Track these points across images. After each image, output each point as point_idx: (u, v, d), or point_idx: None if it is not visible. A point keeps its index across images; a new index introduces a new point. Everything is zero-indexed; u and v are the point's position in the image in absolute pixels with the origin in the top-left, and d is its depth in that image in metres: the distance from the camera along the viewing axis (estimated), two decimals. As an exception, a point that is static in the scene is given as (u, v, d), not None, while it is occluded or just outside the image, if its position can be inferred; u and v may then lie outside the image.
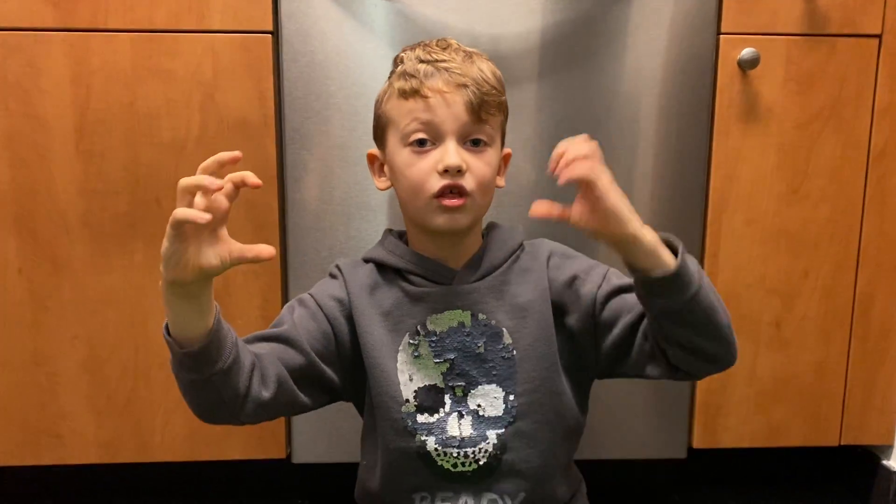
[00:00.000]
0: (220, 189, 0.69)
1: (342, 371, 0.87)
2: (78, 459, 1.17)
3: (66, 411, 1.15)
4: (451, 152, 0.80)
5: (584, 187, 0.72)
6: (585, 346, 0.86)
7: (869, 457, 1.29)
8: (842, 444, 1.24)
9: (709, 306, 0.74)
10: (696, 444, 1.22)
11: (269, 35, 1.08)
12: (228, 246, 0.70)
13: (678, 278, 0.72)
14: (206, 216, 0.67)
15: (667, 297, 0.74)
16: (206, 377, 0.74)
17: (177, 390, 1.12)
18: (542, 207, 0.74)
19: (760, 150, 1.14)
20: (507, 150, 0.90)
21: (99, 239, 1.11)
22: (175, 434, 1.16)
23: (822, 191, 1.16)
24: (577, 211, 0.73)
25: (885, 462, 1.27)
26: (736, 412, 1.21)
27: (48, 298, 1.12)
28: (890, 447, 1.26)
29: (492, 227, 0.92)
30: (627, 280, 0.83)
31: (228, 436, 1.17)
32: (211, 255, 0.69)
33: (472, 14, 1.09)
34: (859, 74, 1.13)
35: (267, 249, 0.70)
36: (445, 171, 0.80)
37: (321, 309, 0.86)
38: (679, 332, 0.76)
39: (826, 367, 1.21)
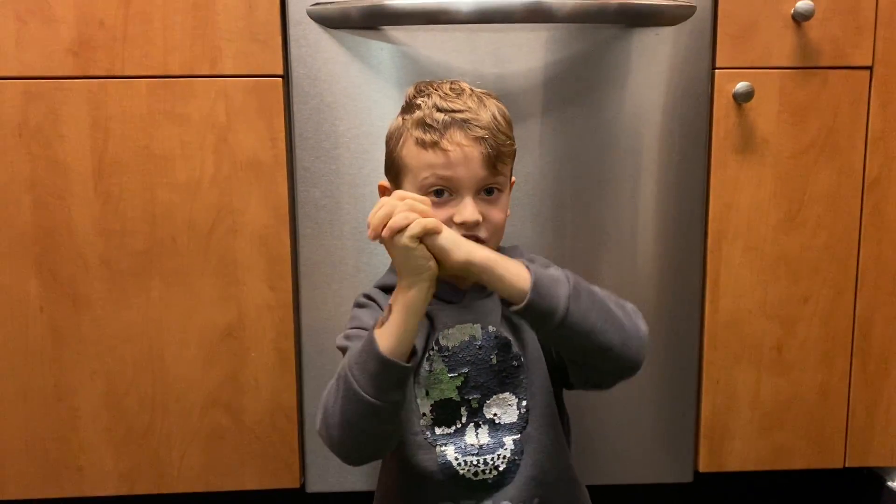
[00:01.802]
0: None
1: None
2: (97, 491, 1.19)
3: (85, 444, 1.18)
4: (468, 208, 0.85)
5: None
6: (547, 352, 0.92)
7: (874, 478, 1.31)
8: (847, 466, 1.25)
9: (586, 330, 0.78)
10: (702, 467, 1.24)
11: (280, 79, 1.12)
12: None
13: (530, 310, 0.77)
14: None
15: (534, 326, 0.81)
16: (405, 395, 0.81)
17: (193, 422, 1.18)
18: None
19: (757, 179, 1.17)
20: (513, 178, 0.95)
21: (117, 277, 1.15)
22: (192, 465, 1.19)
23: (819, 218, 1.19)
24: None
25: (890, 483, 1.28)
26: (741, 436, 1.23)
27: (68, 335, 1.16)
28: (895, 469, 1.27)
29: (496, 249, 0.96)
30: None
31: (244, 466, 1.20)
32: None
33: (476, 55, 1.12)
34: (852, 105, 1.16)
35: None
36: (461, 224, 0.84)
37: None
38: (566, 352, 0.83)
39: (828, 391, 1.23)
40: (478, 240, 0.86)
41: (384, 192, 0.94)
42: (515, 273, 0.78)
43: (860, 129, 1.17)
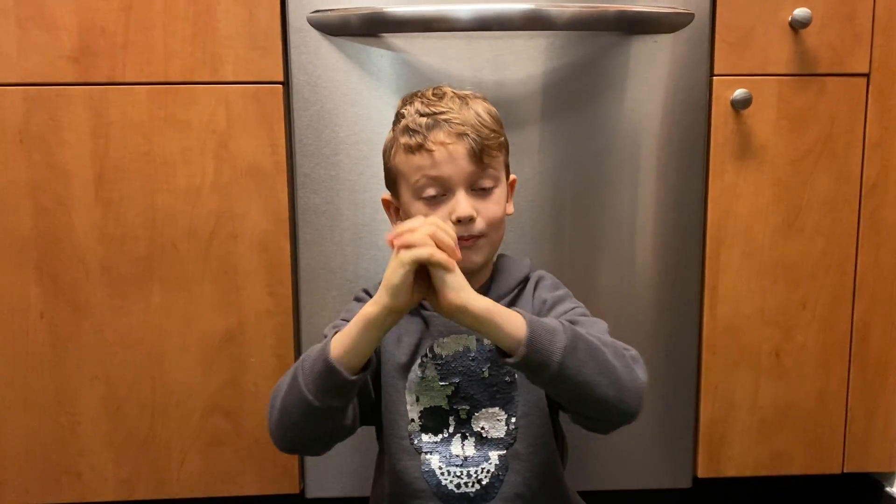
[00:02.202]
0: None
1: (377, 392, 0.92)
2: (97, 497, 1.20)
3: (85, 450, 1.18)
4: (462, 204, 0.86)
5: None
6: None
7: (872, 484, 1.31)
8: (845, 471, 1.26)
9: (581, 383, 0.77)
10: (701, 473, 1.24)
11: (280, 85, 1.12)
12: None
13: (524, 364, 0.77)
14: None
15: (529, 377, 0.80)
16: (345, 404, 0.81)
17: (192, 428, 1.18)
18: None
19: (755, 185, 1.18)
20: (512, 177, 0.95)
21: (117, 283, 1.15)
22: (191, 471, 1.19)
23: (816, 224, 1.19)
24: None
25: (888, 489, 1.28)
26: (739, 441, 1.23)
27: (68, 341, 1.16)
28: (893, 474, 1.27)
29: (501, 258, 0.97)
30: (587, 319, 0.89)
31: (243, 472, 1.20)
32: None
33: (475, 62, 1.13)
34: (849, 112, 1.17)
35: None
36: (458, 221, 0.85)
37: None
38: (562, 401, 0.82)
39: (827, 396, 1.23)
40: (473, 236, 0.87)
41: (387, 205, 0.96)
42: (511, 325, 0.76)
43: (858, 135, 1.18)
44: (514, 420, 0.90)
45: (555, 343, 0.76)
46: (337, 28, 1.11)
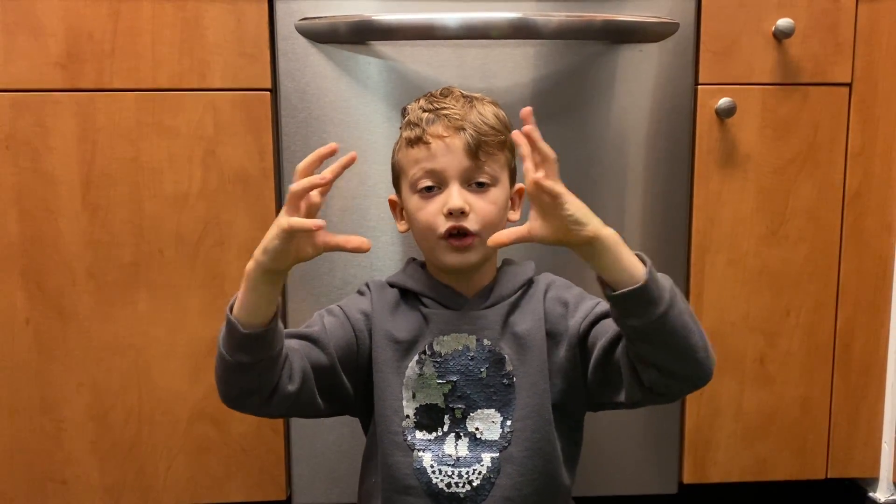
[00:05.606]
0: (327, 186, 0.79)
1: (357, 383, 0.92)
2: (83, 505, 1.19)
3: (71, 457, 1.18)
4: (454, 195, 0.87)
5: (538, 200, 0.77)
6: (576, 377, 0.90)
7: (856, 489, 1.32)
8: (828, 477, 1.27)
9: (681, 326, 0.77)
10: (687, 479, 1.25)
11: (268, 92, 1.13)
12: (323, 236, 0.78)
13: (645, 293, 0.75)
14: (320, 223, 0.76)
15: (636, 314, 0.76)
16: (255, 361, 0.80)
17: (179, 435, 1.18)
18: (500, 237, 0.79)
19: (740, 193, 1.19)
20: (519, 185, 0.95)
21: (104, 289, 1.14)
22: (178, 478, 1.19)
23: (800, 231, 1.21)
24: (535, 226, 0.78)
25: (871, 494, 1.29)
26: (724, 447, 1.24)
27: (54, 347, 1.15)
28: (875, 479, 1.29)
29: (506, 262, 0.98)
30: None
31: (230, 478, 1.19)
32: (308, 246, 0.78)
33: (463, 70, 1.14)
34: (832, 121, 1.18)
35: (366, 242, 0.78)
36: (450, 214, 0.86)
37: (349, 320, 0.92)
38: (652, 353, 0.79)
39: (810, 402, 1.24)
40: (467, 232, 0.87)
41: (393, 206, 0.96)
42: (632, 257, 0.77)
43: (840, 144, 1.19)
44: (509, 423, 0.89)
45: (664, 282, 0.77)
46: (325, 35, 1.11)
